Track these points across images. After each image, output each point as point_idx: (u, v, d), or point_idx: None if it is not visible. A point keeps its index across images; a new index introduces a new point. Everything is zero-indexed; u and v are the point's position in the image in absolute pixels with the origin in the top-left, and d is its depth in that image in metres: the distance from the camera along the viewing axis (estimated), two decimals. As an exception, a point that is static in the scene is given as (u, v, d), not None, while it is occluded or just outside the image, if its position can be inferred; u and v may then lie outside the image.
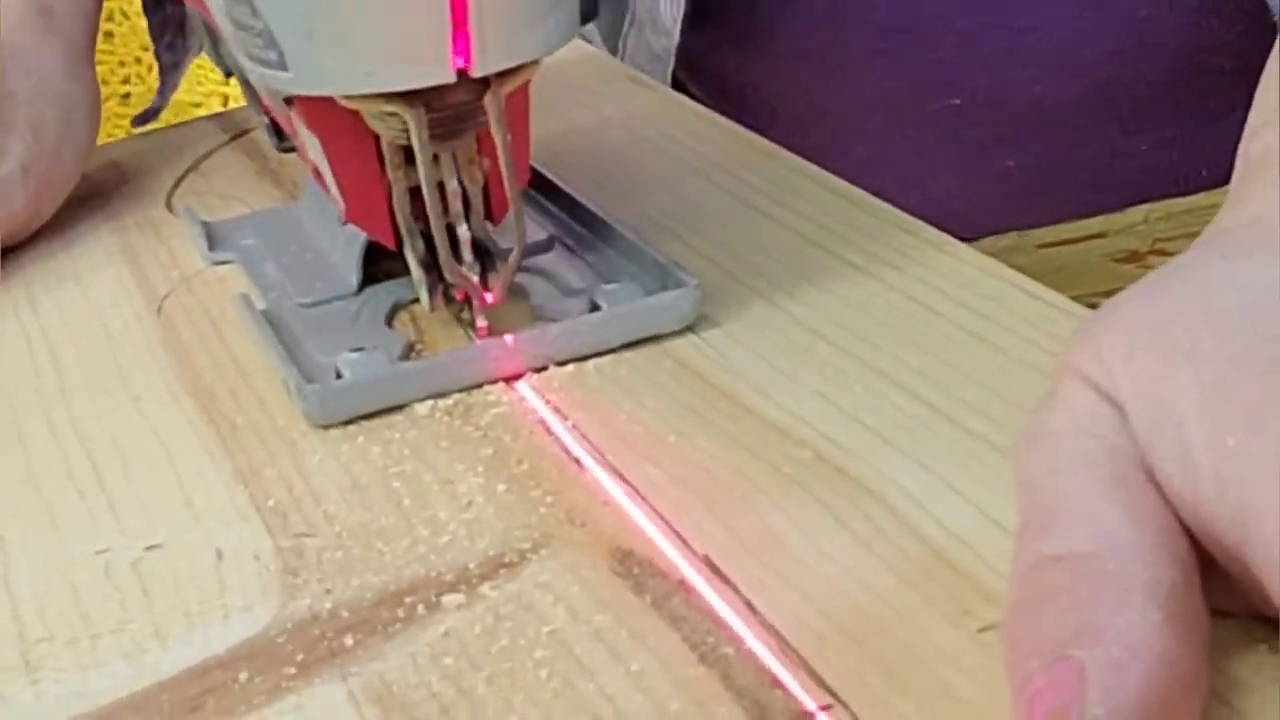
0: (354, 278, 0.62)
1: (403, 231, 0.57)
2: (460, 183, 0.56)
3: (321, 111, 0.55)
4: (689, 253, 0.63)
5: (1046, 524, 0.38)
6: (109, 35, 1.00)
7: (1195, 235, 0.44)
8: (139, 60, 1.01)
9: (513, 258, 0.56)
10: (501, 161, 0.54)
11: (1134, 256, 0.75)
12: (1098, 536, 0.37)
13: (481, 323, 0.57)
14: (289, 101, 0.57)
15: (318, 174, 0.59)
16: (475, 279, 0.57)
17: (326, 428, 0.54)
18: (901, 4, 0.80)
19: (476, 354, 0.56)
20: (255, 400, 0.56)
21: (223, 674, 0.43)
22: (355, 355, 0.55)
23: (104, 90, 1.01)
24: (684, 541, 0.46)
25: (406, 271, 0.58)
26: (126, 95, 1.02)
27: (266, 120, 0.65)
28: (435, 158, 0.55)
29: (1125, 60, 0.79)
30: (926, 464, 0.48)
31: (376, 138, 0.56)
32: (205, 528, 0.49)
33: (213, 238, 0.69)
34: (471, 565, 0.46)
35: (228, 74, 0.61)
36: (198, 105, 0.99)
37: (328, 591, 0.46)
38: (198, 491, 0.51)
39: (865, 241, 0.61)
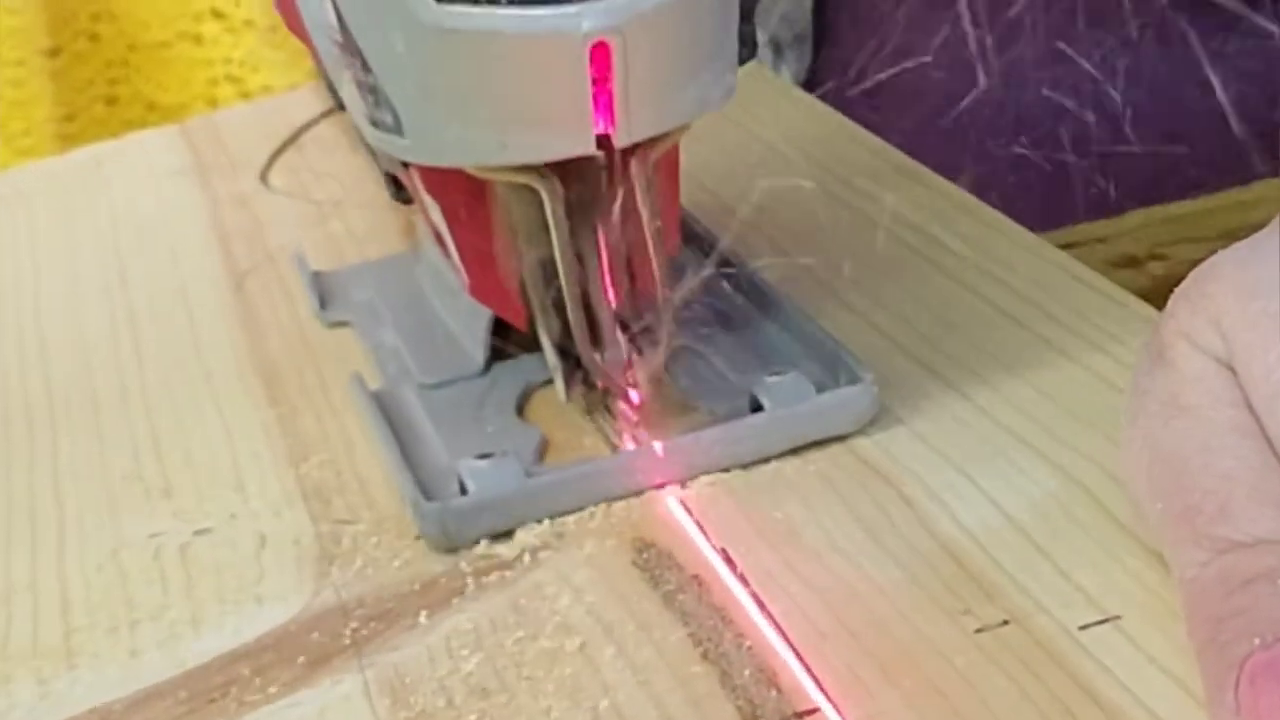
0: (480, 356, 0.55)
1: (535, 310, 0.51)
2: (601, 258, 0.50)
3: (444, 176, 0.50)
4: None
5: (1222, 508, 0.37)
6: (95, 37, 1.02)
7: (1195, 240, 0.44)
8: (126, 62, 1.03)
9: (662, 345, 0.50)
10: (649, 237, 0.49)
11: (1133, 261, 0.74)
12: None
13: (628, 427, 0.51)
14: (406, 163, 0.52)
15: (439, 238, 0.55)
16: (619, 372, 0.50)
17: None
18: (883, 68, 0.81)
19: (619, 465, 0.49)
20: (317, 381, 0.58)
21: (247, 663, 0.44)
22: (482, 464, 0.48)
23: (90, 92, 1.03)
24: (704, 534, 0.47)
25: (537, 345, 0.53)
26: (113, 98, 1.04)
27: (383, 172, 0.58)
28: (573, 232, 0.49)
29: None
30: (949, 457, 0.48)
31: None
32: (252, 512, 0.51)
33: (325, 291, 0.63)
34: (499, 552, 0.47)
35: (340, 106, 0.54)
36: (186, 106, 1.01)
37: (361, 579, 0.47)
38: (251, 474, 0.53)
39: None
